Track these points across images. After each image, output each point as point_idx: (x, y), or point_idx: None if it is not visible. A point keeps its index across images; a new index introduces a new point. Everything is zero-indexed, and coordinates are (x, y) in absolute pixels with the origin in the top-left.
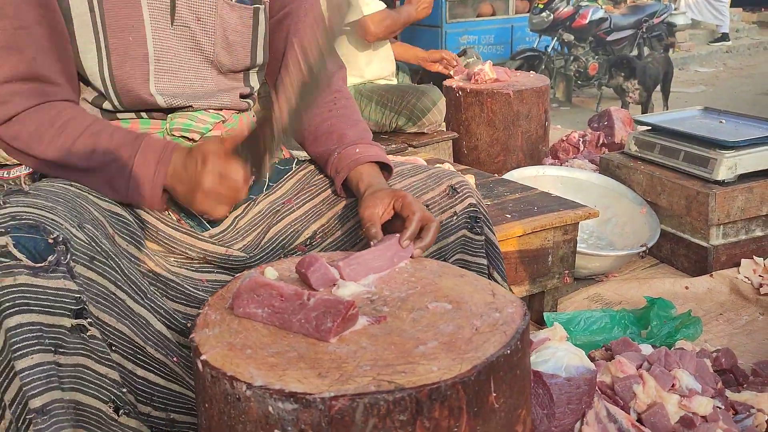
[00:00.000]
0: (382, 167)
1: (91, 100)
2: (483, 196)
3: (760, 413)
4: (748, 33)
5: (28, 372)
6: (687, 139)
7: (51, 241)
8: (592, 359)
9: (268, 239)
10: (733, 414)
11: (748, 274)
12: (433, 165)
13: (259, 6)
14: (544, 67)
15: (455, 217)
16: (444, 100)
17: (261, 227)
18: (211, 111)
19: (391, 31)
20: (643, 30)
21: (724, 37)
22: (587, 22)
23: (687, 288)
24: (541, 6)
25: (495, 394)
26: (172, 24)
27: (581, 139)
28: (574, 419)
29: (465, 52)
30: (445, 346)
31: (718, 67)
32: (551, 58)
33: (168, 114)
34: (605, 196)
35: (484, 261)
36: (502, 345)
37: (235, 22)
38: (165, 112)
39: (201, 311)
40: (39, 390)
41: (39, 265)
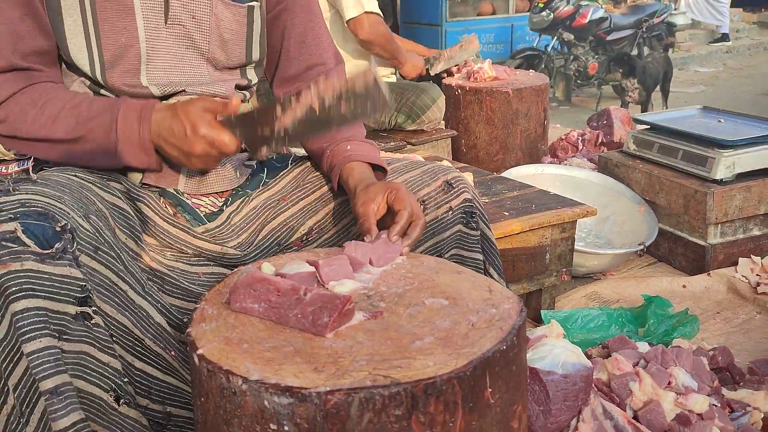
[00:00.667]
0: (376, 167)
1: (88, 86)
2: (481, 194)
3: (756, 411)
4: (748, 33)
5: (38, 354)
6: (685, 138)
7: (59, 229)
8: (589, 357)
9: (263, 237)
10: (729, 412)
11: (745, 273)
12: (431, 162)
13: (254, 4)
14: (543, 66)
15: (451, 213)
16: (443, 97)
17: (256, 224)
18: (205, 95)
19: (381, 43)
20: (643, 30)
21: (724, 38)
22: (587, 21)
23: (684, 286)
24: (541, 5)
25: (490, 390)
26: (166, 23)
27: (580, 137)
28: (570, 416)
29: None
30: (442, 341)
31: (718, 68)
32: (551, 57)
33: (162, 100)
34: (604, 195)
35: (479, 256)
36: (498, 340)
37: (229, 20)
38: (159, 99)
39: (198, 306)
40: (50, 372)
41: (46, 251)
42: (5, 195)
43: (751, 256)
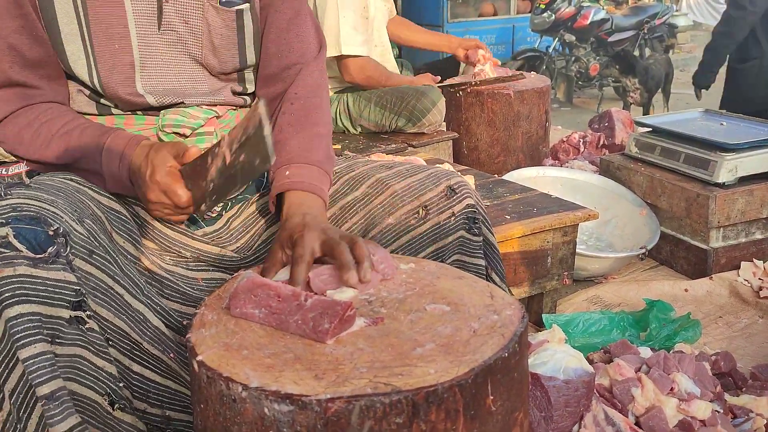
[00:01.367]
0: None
1: (87, 95)
2: (482, 197)
3: (758, 417)
4: None
5: (33, 360)
6: (687, 141)
7: (51, 233)
8: (591, 362)
9: (262, 242)
10: (732, 418)
11: (747, 277)
12: (433, 165)
13: (243, 7)
14: (545, 67)
15: (453, 218)
16: (444, 100)
17: (255, 229)
18: (203, 106)
19: (370, 82)
20: (645, 31)
21: None
22: (589, 22)
23: (686, 290)
24: (542, 6)
25: (492, 397)
26: (159, 29)
27: (582, 140)
28: (572, 422)
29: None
30: (443, 348)
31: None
32: (552, 58)
33: (161, 111)
34: (605, 198)
35: (482, 262)
36: (500, 348)
37: (219, 25)
38: (158, 109)
39: (198, 311)
40: (46, 377)
41: (39, 256)
42: None
43: (754, 259)
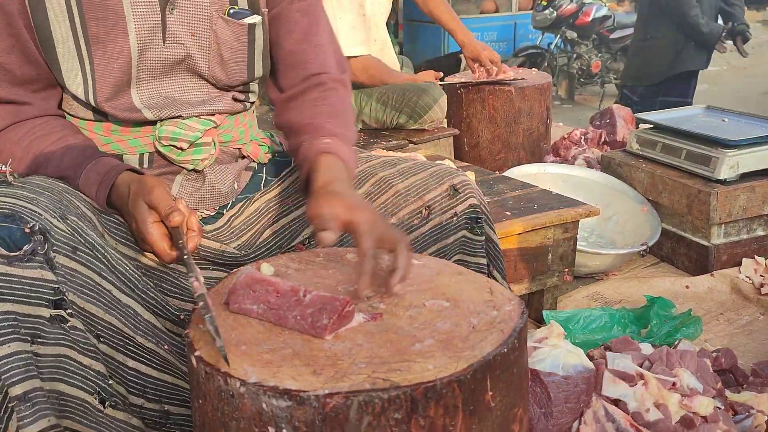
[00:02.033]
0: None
1: (83, 104)
2: (483, 194)
3: (759, 414)
4: (753, 32)
5: (6, 360)
6: (689, 137)
7: (27, 230)
8: (591, 358)
9: (264, 239)
10: (733, 414)
11: (749, 274)
12: (434, 162)
13: (255, 21)
14: (546, 64)
15: (456, 218)
16: (445, 97)
17: (257, 227)
18: (202, 117)
19: (372, 80)
20: None
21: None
22: (590, 19)
23: (687, 287)
24: (544, 3)
25: (491, 393)
26: (164, 42)
27: (583, 136)
28: (572, 418)
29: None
30: (442, 344)
31: (722, 66)
32: (554, 55)
33: (158, 120)
34: (606, 195)
35: (484, 260)
36: (499, 343)
37: (229, 39)
38: (155, 122)
39: (197, 307)
40: (18, 378)
41: (14, 254)
42: None
43: (755, 256)
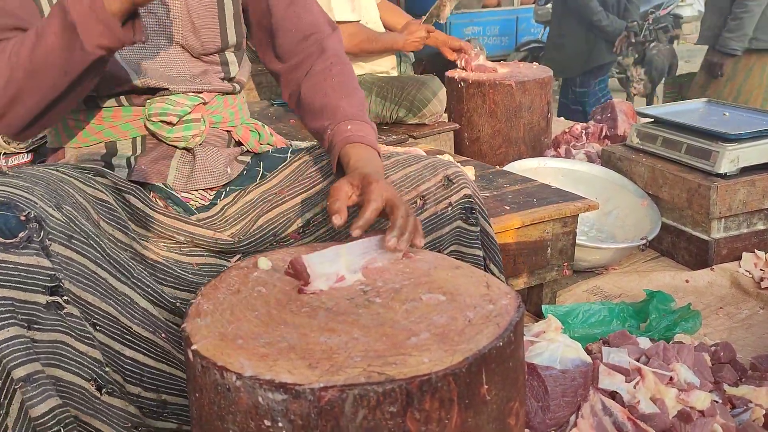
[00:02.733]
0: None
1: None
2: (482, 188)
3: (757, 408)
4: None
5: (7, 344)
6: (689, 131)
7: (23, 218)
8: (590, 352)
9: (257, 227)
10: (731, 408)
11: (749, 268)
12: (432, 155)
13: None
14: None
15: (450, 208)
16: (444, 90)
17: (250, 216)
18: (189, 94)
19: (362, 48)
20: (650, 21)
21: None
22: None
23: (687, 281)
24: None
25: (487, 386)
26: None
27: (584, 131)
28: (569, 412)
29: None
30: (438, 337)
31: None
32: None
33: (147, 100)
34: (607, 189)
35: (479, 252)
36: (495, 337)
37: (197, 6)
38: (143, 96)
39: (193, 300)
40: (21, 360)
41: (9, 241)
42: None
43: (755, 250)
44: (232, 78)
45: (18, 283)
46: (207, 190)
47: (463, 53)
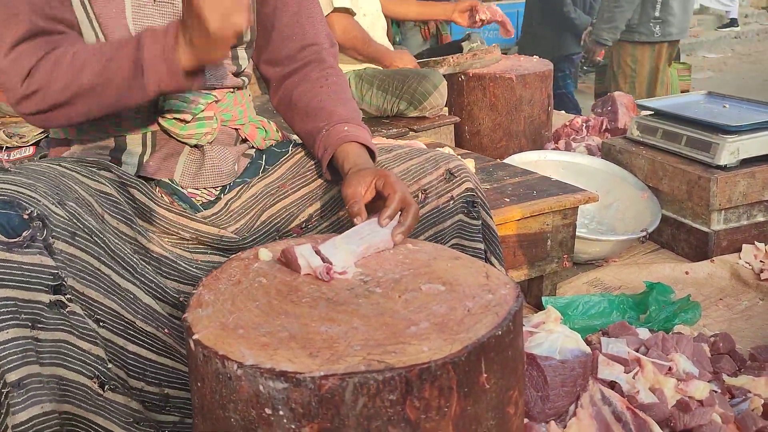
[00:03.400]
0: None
1: None
2: (482, 181)
3: (756, 397)
4: (757, 18)
5: (4, 346)
6: (689, 123)
7: (26, 216)
8: (589, 343)
9: (261, 222)
10: (730, 398)
11: (749, 260)
12: (433, 149)
13: None
14: None
15: (452, 202)
16: (445, 83)
17: (254, 210)
18: (202, 91)
19: (354, 46)
20: None
21: (733, 23)
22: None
23: (687, 273)
24: None
25: (486, 375)
26: (155, 1)
27: (584, 124)
28: (568, 402)
29: (469, 36)
30: (437, 326)
31: (726, 53)
32: None
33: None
34: (607, 181)
35: (481, 245)
36: (494, 326)
37: None
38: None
39: (195, 291)
40: (15, 364)
41: (13, 240)
42: None
43: (755, 242)
44: (240, 72)
45: (22, 283)
46: (213, 188)
47: (475, 10)
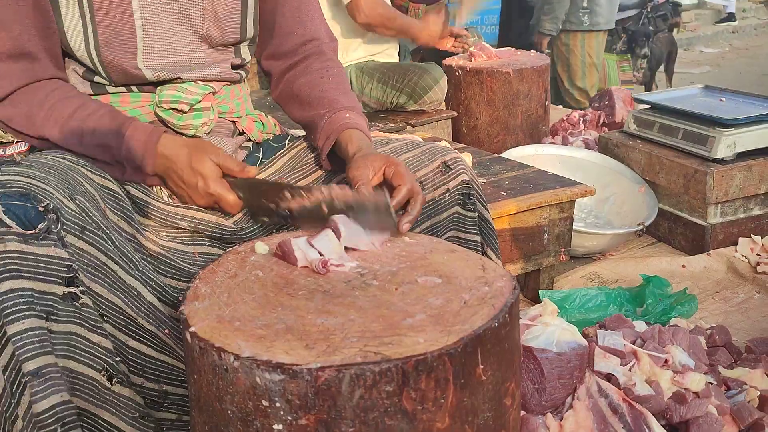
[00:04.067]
0: None
1: (81, 74)
2: (479, 175)
3: (752, 389)
4: (755, 13)
5: (21, 336)
6: (686, 117)
7: (41, 209)
8: (586, 336)
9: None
10: (726, 390)
11: (745, 253)
12: (429, 142)
13: None
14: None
15: (448, 194)
16: (445, 78)
17: None
18: (200, 82)
19: (382, 23)
20: (649, 9)
21: (731, 17)
22: None
23: (684, 266)
24: None
25: (482, 367)
26: None
27: (582, 118)
28: (565, 394)
29: (467, 31)
30: (433, 318)
31: (724, 48)
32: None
33: (157, 87)
34: (604, 175)
35: (477, 238)
36: (490, 318)
37: None
38: (154, 84)
39: (191, 284)
40: (33, 353)
41: (29, 232)
42: None
43: (752, 235)
44: (240, 66)
45: (37, 274)
46: None
47: (461, 40)
